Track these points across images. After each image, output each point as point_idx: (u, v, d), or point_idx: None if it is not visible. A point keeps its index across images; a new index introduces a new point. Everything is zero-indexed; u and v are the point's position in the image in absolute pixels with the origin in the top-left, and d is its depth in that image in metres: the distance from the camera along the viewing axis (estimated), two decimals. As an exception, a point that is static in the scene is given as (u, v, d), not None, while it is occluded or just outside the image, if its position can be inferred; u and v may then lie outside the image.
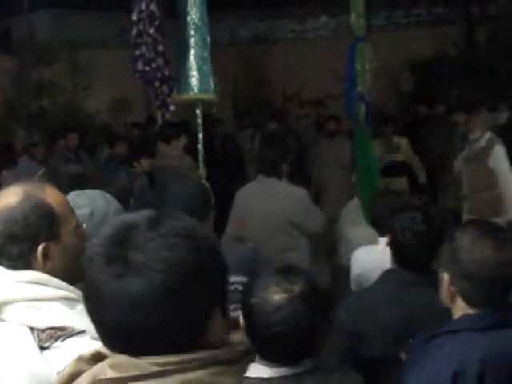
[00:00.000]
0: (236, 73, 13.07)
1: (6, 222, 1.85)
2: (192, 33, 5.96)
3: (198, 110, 6.09)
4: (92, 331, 1.26)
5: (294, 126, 11.52)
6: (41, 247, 1.86)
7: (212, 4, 6.11)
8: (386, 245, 3.30)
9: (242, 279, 3.06)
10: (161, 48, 7.34)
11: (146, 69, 7.30)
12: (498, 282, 2.21)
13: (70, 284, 1.85)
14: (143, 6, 7.19)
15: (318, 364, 2.23)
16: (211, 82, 6.02)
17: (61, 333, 1.76)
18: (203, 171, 6.11)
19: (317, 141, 9.59)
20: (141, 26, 7.25)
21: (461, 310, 2.25)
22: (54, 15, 13.31)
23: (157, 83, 7.40)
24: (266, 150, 5.41)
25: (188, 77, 5.97)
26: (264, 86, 13.71)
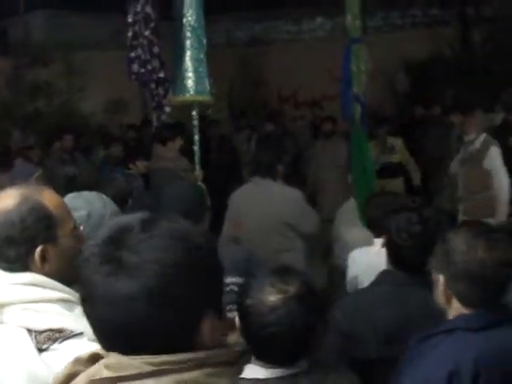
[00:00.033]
0: (232, 74, 13.04)
1: (3, 224, 1.85)
2: (188, 34, 5.96)
3: (194, 112, 6.10)
4: (90, 333, 1.27)
5: (289, 128, 11.50)
6: (39, 249, 1.86)
7: (208, 6, 6.11)
8: (382, 246, 3.30)
9: (237, 280, 3.07)
10: (156, 50, 7.35)
11: (142, 71, 7.31)
12: (492, 283, 2.22)
13: (67, 286, 1.86)
14: (139, 8, 7.20)
15: (314, 365, 2.24)
16: (207, 84, 6.02)
17: (59, 335, 1.77)
18: (199, 173, 6.11)
19: (313, 142, 9.59)
20: (136, 27, 7.26)
21: (456, 310, 2.27)
22: (49, 16, 13.27)
23: (152, 85, 7.41)
24: (261, 151, 5.41)
25: (184, 78, 5.96)
26: (260, 87, 13.68)
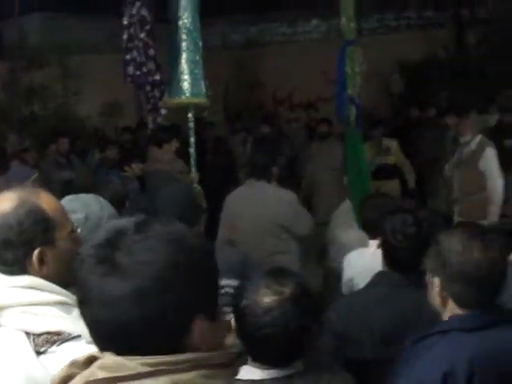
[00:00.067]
0: (228, 77, 13.04)
1: (0, 227, 1.86)
2: (184, 37, 5.95)
3: (189, 114, 6.09)
4: (87, 335, 1.27)
5: (285, 130, 11.50)
6: (36, 252, 1.86)
7: (204, 8, 6.11)
8: (377, 247, 3.31)
9: (232, 283, 3.07)
10: (152, 52, 7.35)
11: (137, 73, 7.31)
12: (487, 283, 2.23)
13: (64, 288, 1.86)
14: (134, 11, 7.20)
15: (309, 366, 2.25)
16: (203, 86, 6.01)
17: (57, 337, 1.77)
18: (195, 175, 6.10)
19: (308, 144, 9.58)
20: (132, 30, 7.26)
21: (451, 312, 2.27)
22: (45, 19, 13.26)
23: (148, 87, 7.41)
24: (256, 153, 5.41)
25: (180, 81, 5.96)
26: (255, 89, 13.67)
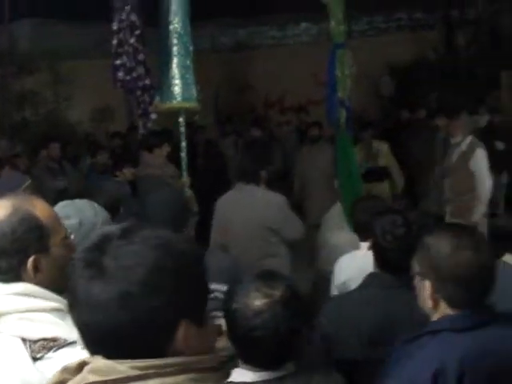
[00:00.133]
0: (218, 80, 13.04)
1: None
2: (174, 41, 5.94)
3: (181, 119, 6.09)
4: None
5: (275, 133, 11.50)
6: (31, 260, 1.87)
7: (193, 12, 6.11)
8: (368, 248, 3.32)
9: (222, 287, 3.08)
10: (141, 57, 7.33)
11: (127, 78, 7.29)
12: (477, 283, 2.24)
13: (58, 294, 1.87)
14: (124, 16, 7.19)
15: (300, 368, 2.25)
16: (194, 91, 6.00)
17: (53, 343, 1.78)
18: (186, 179, 6.10)
19: (299, 147, 9.59)
20: (121, 35, 7.25)
21: (442, 314, 2.28)
22: (35, 25, 13.22)
23: (138, 92, 7.39)
24: (245, 157, 5.40)
25: (171, 85, 5.95)
26: (246, 92, 13.68)
